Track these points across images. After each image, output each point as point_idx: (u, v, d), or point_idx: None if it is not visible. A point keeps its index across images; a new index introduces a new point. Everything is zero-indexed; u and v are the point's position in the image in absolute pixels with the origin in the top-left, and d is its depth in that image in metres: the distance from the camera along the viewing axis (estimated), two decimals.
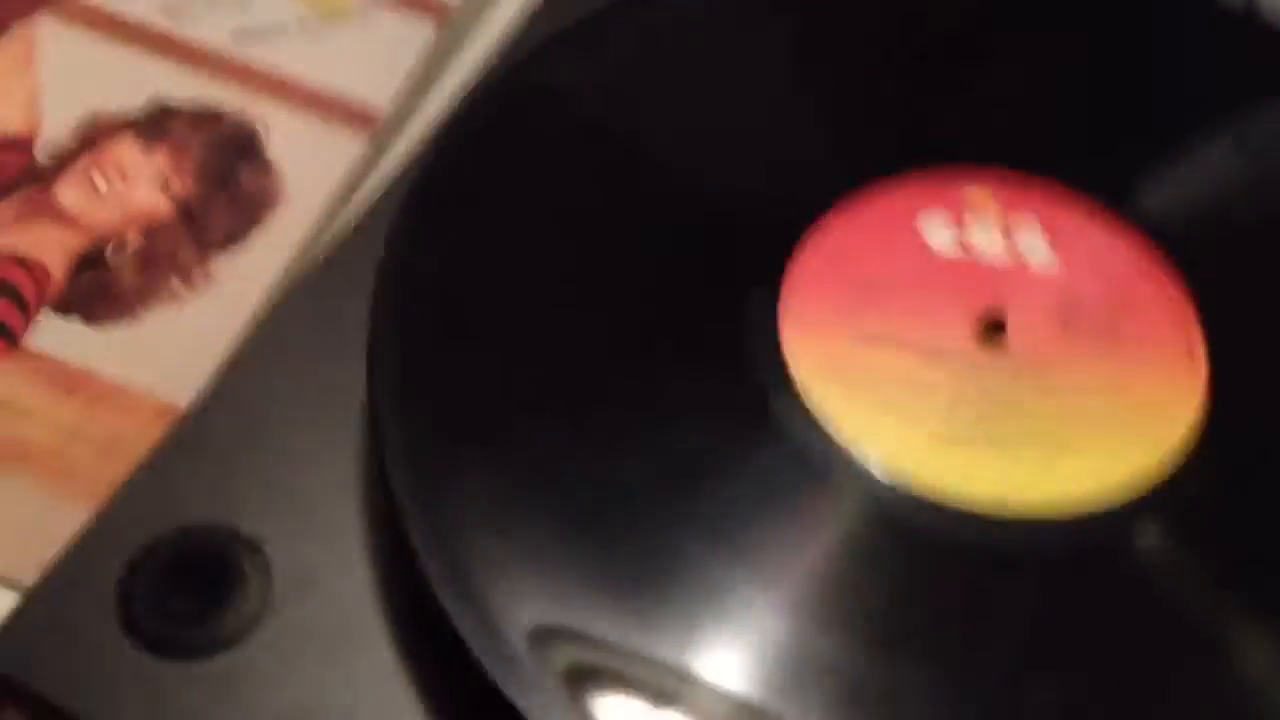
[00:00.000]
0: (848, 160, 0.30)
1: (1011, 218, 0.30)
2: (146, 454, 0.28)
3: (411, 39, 0.38)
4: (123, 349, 0.33)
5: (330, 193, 0.35)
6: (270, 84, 0.37)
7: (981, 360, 0.28)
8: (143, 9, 0.38)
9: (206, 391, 0.29)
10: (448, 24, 0.38)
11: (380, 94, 0.37)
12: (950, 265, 0.29)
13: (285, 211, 0.35)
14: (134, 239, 0.34)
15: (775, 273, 0.28)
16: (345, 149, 0.36)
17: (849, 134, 0.31)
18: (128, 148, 0.36)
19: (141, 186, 0.35)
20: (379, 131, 0.36)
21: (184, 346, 0.33)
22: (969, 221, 0.30)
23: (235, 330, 0.33)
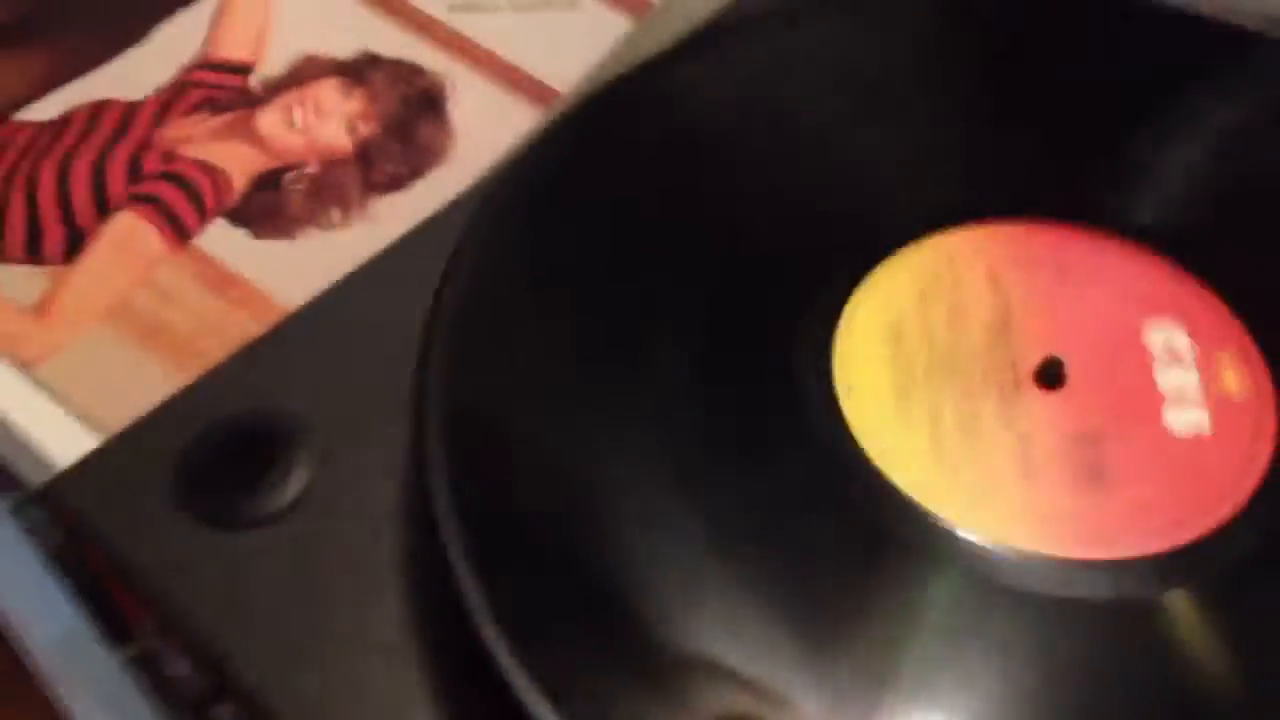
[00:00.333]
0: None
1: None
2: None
3: (609, 30, 0.40)
4: (275, 262, 0.36)
5: (495, 158, 0.37)
6: (468, 51, 0.40)
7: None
8: None
9: (308, 302, 0.31)
10: (644, 21, 0.40)
11: (564, 76, 0.39)
12: None
13: (450, 167, 0.37)
14: (311, 169, 0.37)
15: None
16: (519, 121, 0.38)
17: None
18: (329, 88, 0.39)
19: (331, 125, 0.38)
20: (551, 109, 0.38)
21: (327, 269, 0.35)
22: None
23: None
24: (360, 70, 0.39)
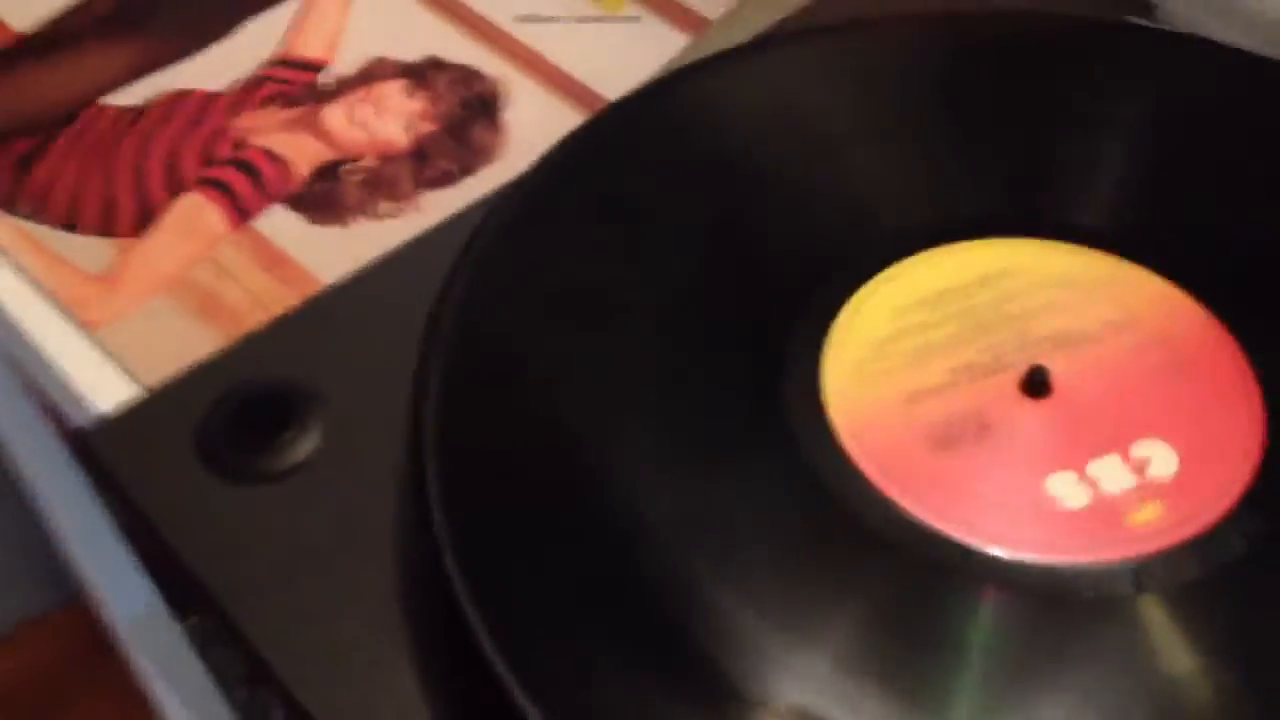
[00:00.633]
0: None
1: None
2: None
3: (667, 46, 0.42)
4: (325, 247, 0.38)
5: None
6: (528, 59, 0.42)
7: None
8: None
9: (338, 283, 0.33)
10: (700, 38, 0.42)
11: (617, 88, 0.41)
12: None
13: (499, 168, 0.39)
14: (369, 163, 0.40)
15: None
16: (569, 128, 0.40)
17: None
18: (394, 89, 0.41)
19: (392, 123, 0.40)
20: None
21: (373, 256, 0.37)
22: None
23: None
24: (424, 73, 0.41)
